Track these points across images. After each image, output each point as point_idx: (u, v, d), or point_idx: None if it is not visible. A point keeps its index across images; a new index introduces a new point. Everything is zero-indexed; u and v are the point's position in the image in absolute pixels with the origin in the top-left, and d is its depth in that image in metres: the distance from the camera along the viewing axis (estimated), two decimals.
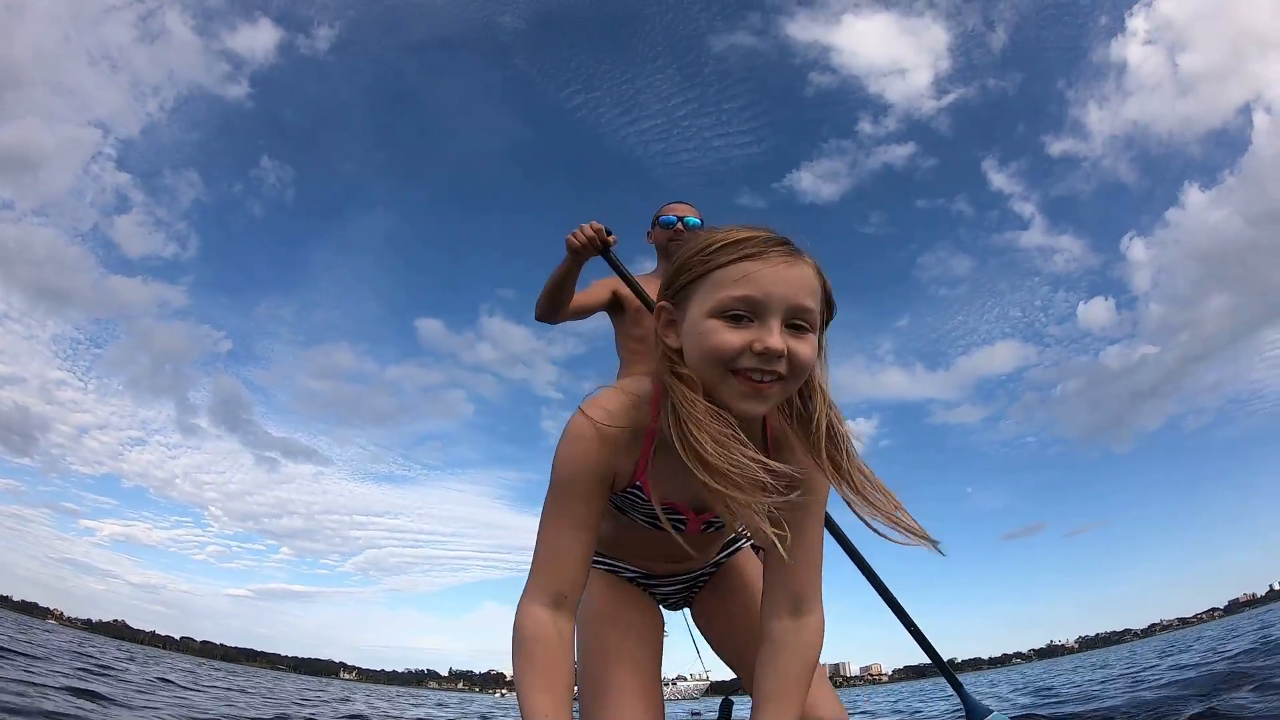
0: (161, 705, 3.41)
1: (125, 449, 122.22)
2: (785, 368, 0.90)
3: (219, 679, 7.15)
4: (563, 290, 2.29)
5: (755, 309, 0.89)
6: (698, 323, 0.93)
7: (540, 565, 1.03)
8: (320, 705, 4.36)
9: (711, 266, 0.93)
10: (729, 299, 0.90)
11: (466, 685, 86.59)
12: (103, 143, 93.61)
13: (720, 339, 0.90)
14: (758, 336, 0.89)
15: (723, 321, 0.90)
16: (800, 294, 0.90)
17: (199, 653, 71.36)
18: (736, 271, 0.90)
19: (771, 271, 0.90)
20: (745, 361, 0.89)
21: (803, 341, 0.91)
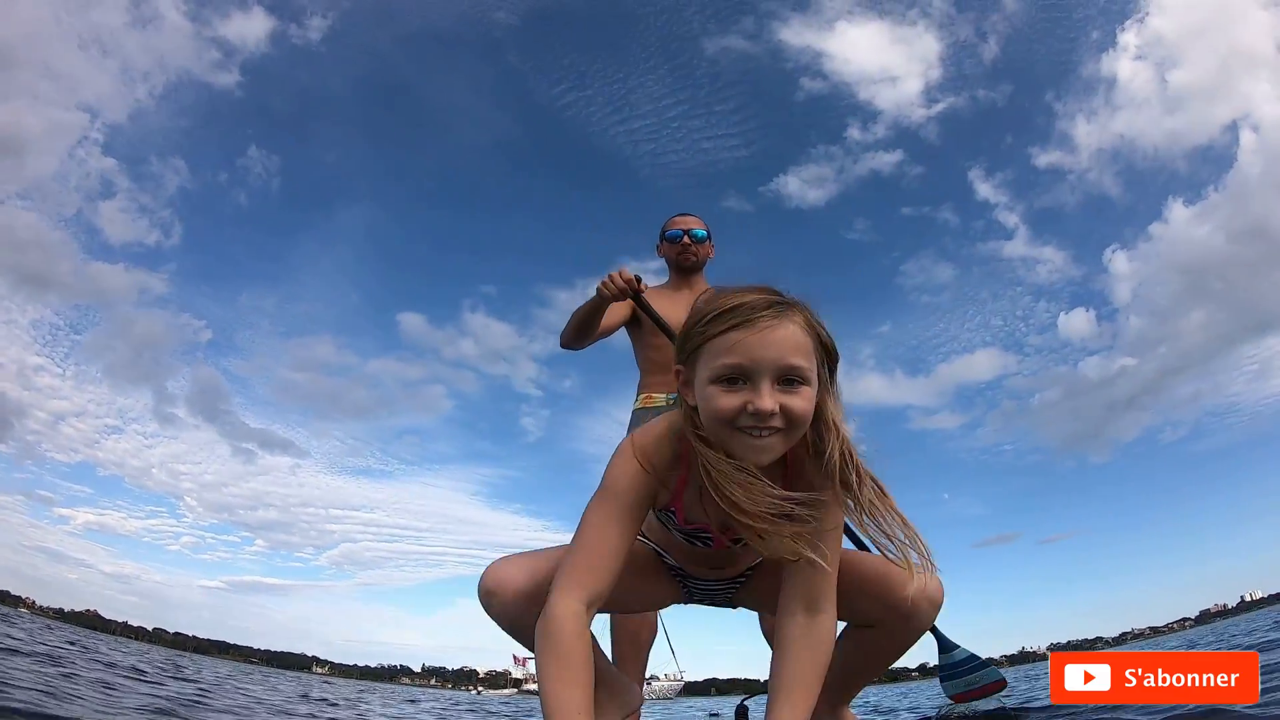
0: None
1: (102, 437, 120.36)
2: (781, 422, 1.01)
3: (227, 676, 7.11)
4: (591, 325, 2.34)
5: (746, 374, 1.00)
6: (702, 388, 1.05)
7: (580, 564, 1.09)
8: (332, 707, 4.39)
9: (708, 336, 1.04)
10: (723, 367, 1.01)
11: (439, 682, 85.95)
12: (90, 127, 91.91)
13: (719, 404, 1.01)
14: (750, 399, 1.00)
15: (720, 387, 1.02)
16: (787, 355, 1.00)
17: (171, 644, 70.55)
18: (727, 341, 1.01)
19: (758, 338, 1.00)
20: (743, 421, 1.01)
21: (796, 395, 1.01)
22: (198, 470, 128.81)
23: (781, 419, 1.00)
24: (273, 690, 5.85)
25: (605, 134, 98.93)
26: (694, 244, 2.60)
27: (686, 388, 1.10)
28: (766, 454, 1.03)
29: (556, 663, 1.01)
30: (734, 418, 1.01)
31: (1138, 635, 72.90)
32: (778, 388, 1.00)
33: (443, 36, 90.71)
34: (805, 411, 1.02)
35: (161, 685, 3.77)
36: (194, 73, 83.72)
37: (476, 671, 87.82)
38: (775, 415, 1.00)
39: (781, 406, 1.00)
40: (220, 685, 5.06)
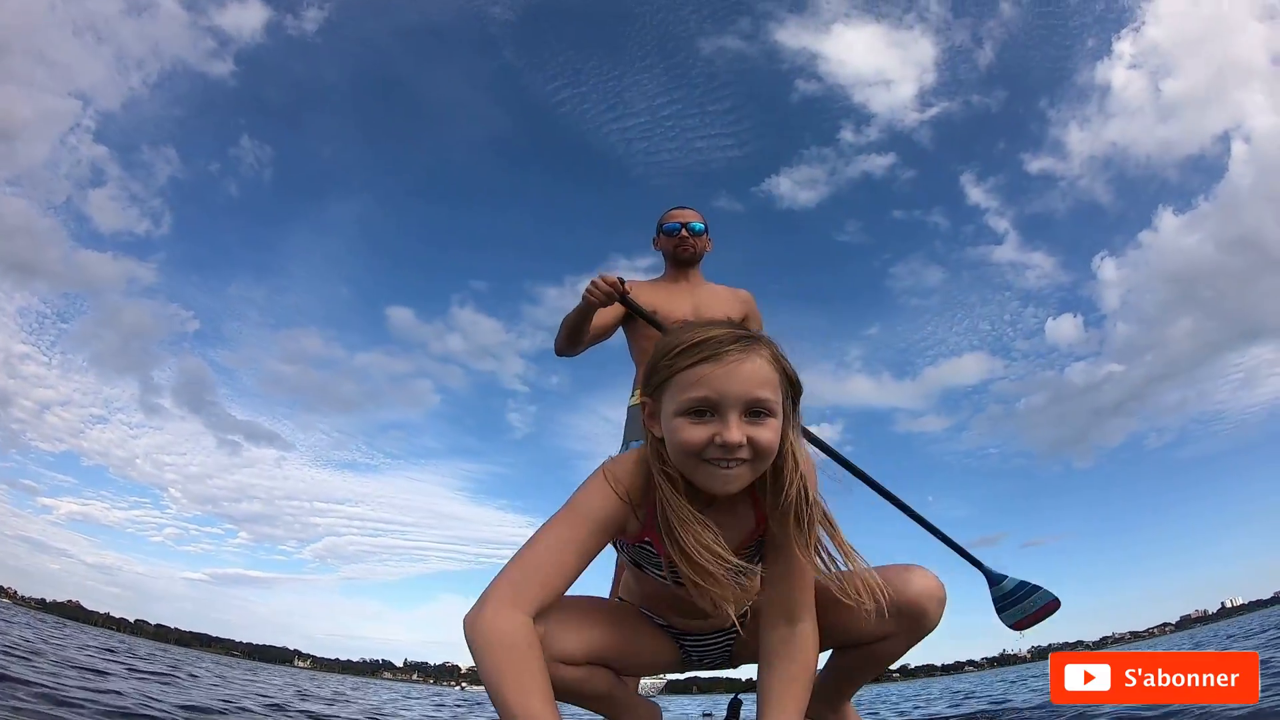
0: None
1: (87, 426, 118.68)
2: (748, 453, 1.02)
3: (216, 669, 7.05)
4: (581, 331, 2.33)
5: (714, 406, 1.01)
6: (669, 420, 1.05)
7: (531, 575, 1.06)
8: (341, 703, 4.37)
9: (675, 369, 1.04)
10: (690, 400, 1.02)
11: (421, 677, 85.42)
12: (82, 114, 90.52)
13: (686, 435, 1.02)
14: (718, 431, 1.00)
15: (687, 419, 1.02)
16: (753, 388, 1.01)
17: (154, 636, 69.79)
18: (694, 375, 1.02)
19: (725, 371, 1.01)
20: (711, 453, 1.02)
21: (763, 427, 1.02)
22: (182, 461, 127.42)
23: (749, 450, 1.02)
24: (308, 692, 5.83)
25: (599, 131, 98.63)
26: (692, 237, 2.59)
27: (653, 420, 1.10)
28: (734, 484, 1.04)
29: (518, 671, 0.98)
30: (701, 450, 1.02)
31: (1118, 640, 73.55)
32: (745, 420, 1.02)
33: (439, 30, 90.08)
34: (771, 443, 1.03)
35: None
36: (188, 61, 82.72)
37: (459, 667, 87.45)
38: (743, 447, 1.01)
39: (749, 438, 1.01)
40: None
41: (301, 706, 3.57)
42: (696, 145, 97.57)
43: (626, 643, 1.30)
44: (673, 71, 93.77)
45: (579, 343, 2.39)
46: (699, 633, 1.36)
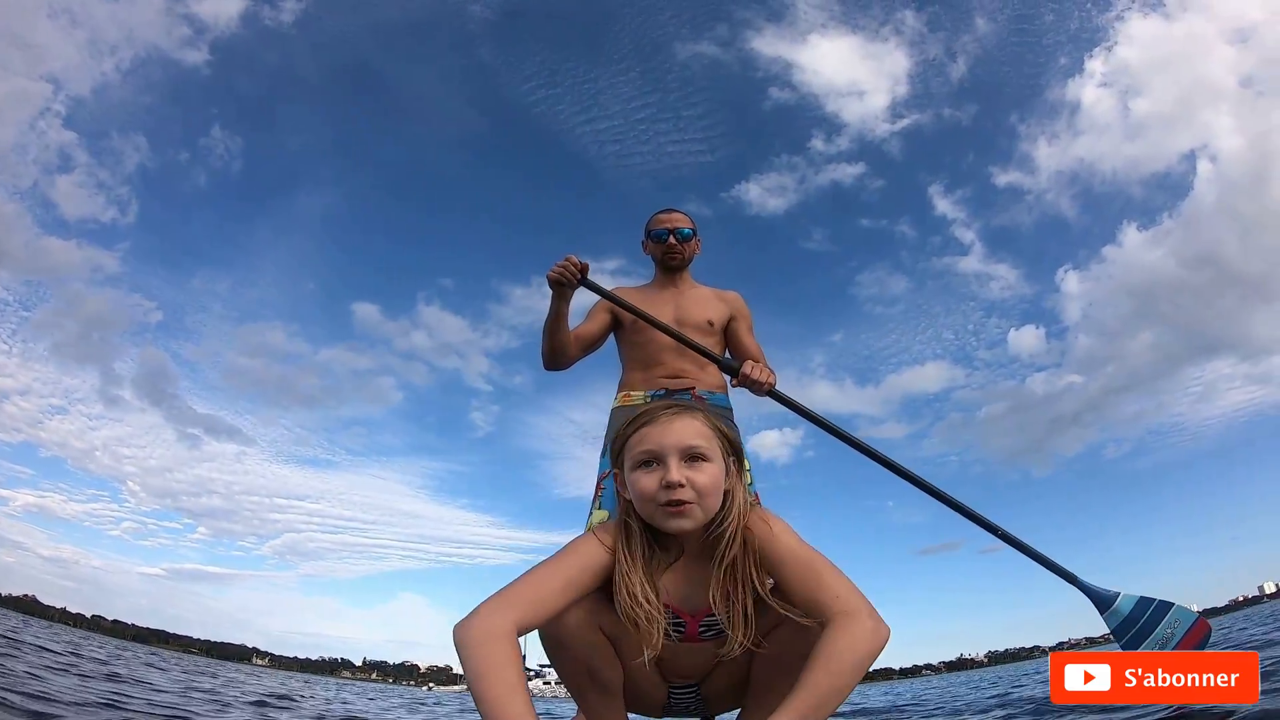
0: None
1: (45, 417, 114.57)
2: (690, 495, 1.22)
3: None
4: (559, 330, 2.31)
5: (658, 457, 1.24)
6: (629, 475, 1.28)
7: (520, 596, 1.18)
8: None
9: (626, 437, 1.30)
10: (639, 454, 1.26)
11: (380, 676, 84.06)
12: (53, 99, 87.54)
13: (641, 485, 1.25)
14: (662, 475, 1.22)
15: (641, 471, 1.26)
16: (686, 438, 1.24)
17: (110, 632, 67.67)
18: (639, 436, 1.27)
19: (661, 429, 1.25)
20: (662, 496, 1.22)
21: (699, 471, 1.23)
22: (142, 454, 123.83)
23: (690, 491, 1.21)
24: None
25: (572, 132, 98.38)
26: (680, 242, 2.56)
27: (622, 486, 1.31)
28: (686, 522, 1.23)
29: (503, 669, 1.07)
30: (654, 494, 1.22)
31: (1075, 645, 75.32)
32: (684, 465, 1.23)
33: (417, 26, 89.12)
34: (708, 484, 1.23)
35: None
36: (162, 48, 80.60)
37: (418, 666, 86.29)
38: (684, 487, 1.21)
39: (688, 478, 1.21)
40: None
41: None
42: (668, 149, 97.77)
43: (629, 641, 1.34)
44: (649, 75, 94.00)
45: (562, 346, 2.37)
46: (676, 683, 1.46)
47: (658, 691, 1.46)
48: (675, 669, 1.41)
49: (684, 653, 1.36)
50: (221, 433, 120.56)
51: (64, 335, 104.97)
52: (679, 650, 1.35)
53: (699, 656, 1.38)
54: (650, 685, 1.44)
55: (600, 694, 1.40)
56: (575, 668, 1.38)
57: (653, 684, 1.44)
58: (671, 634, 1.31)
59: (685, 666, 1.40)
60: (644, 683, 1.42)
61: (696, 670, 1.42)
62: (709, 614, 1.30)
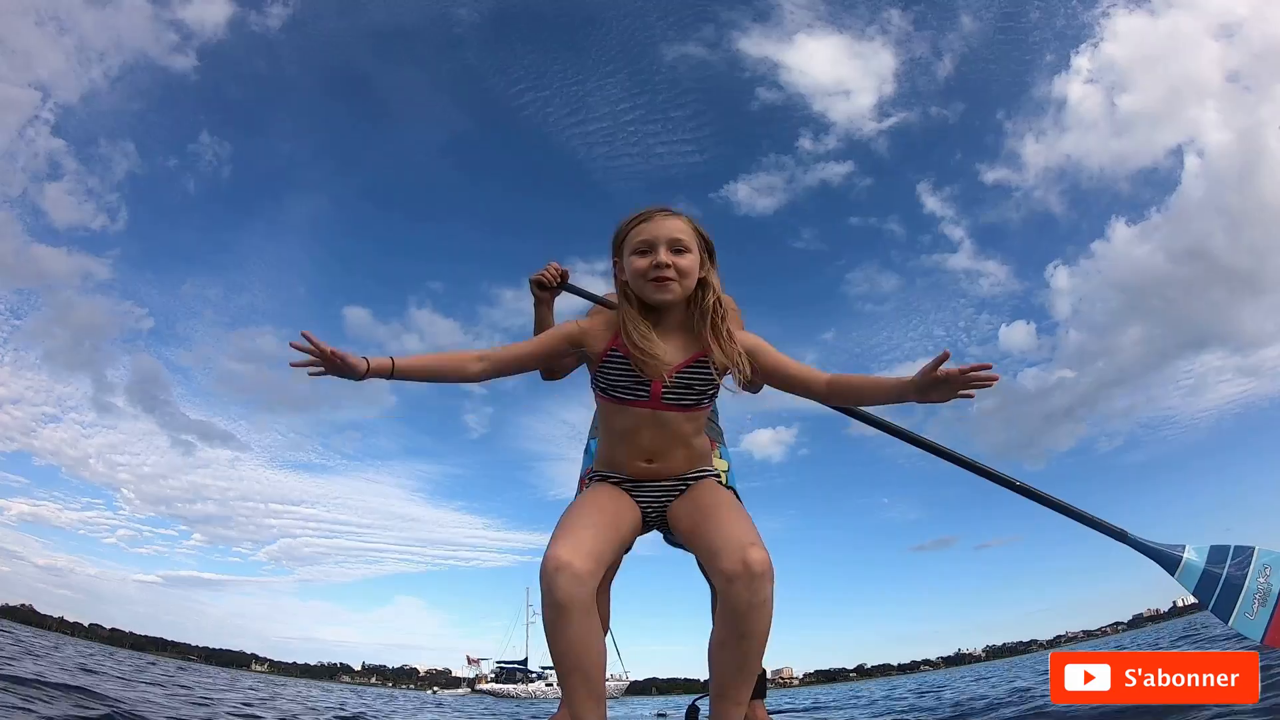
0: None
1: (39, 425, 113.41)
2: (673, 273, 1.56)
3: None
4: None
5: (651, 245, 1.58)
6: (627, 259, 1.61)
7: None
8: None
9: (627, 231, 1.63)
10: (637, 243, 1.60)
11: (379, 680, 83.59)
12: (41, 106, 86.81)
13: (636, 264, 1.59)
14: (653, 257, 1.57)
15: (636, 255, 1.59)
16: (673, 232, 1.58)
17: (108, 640, 67.20)
18: (638, 230, 1.61)
19: (655, 224, 1.60)
20: (652, 273, 1.57)
21: (681, 257, 1.58)
22: (136, 461, 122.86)
23: (673, 270, 1.56)
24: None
25: (560, 135, 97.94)
26: None
27: (621, 271, 1.65)
28: (669, 295, 1.57)
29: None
30: (646, 271, 1.57)
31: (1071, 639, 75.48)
32: (670, 252, 1.57)
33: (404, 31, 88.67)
34: (689, 266, 1.58)
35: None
36: (150, 55, 79.93)
37: (417, 670, 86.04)
38: (670, 267, 1.55)
39: (672, 262, 1.56)
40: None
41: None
42: (657, 150, 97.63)
43: (610, 515, 1.60)
44: (636, 77, 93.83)
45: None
46: (651, 480, 1.68)
47: (635, 510, 1.67)
48: (640, 445, 1.64)
49: (649, 422, 1.61)
50: (215, 439, 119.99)
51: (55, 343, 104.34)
52: (644, 420, 1.61)
53: (666, 429, 1.62)
54: (630, 509, 1.66)
55: (583, 681, 1.44)
56: (572, 642, 1.42)
57: (631, 506, 1.67)
58: (640, 393, 1.59)
59: (648, 439, 1.63)
60: (627, 510, 1.65)
61: (660, 443, 1.64)
62: (681, 367, 1.59)
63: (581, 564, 1.39)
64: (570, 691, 1.43)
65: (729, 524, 1.50)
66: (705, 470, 1.71)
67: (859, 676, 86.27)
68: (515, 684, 50.56)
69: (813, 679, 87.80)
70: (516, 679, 51.86)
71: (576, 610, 1.38)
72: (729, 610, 1.39)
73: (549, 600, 1.38)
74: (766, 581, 1.37)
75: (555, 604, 1.37)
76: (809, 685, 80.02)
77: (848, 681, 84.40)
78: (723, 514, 1.55)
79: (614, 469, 1.71)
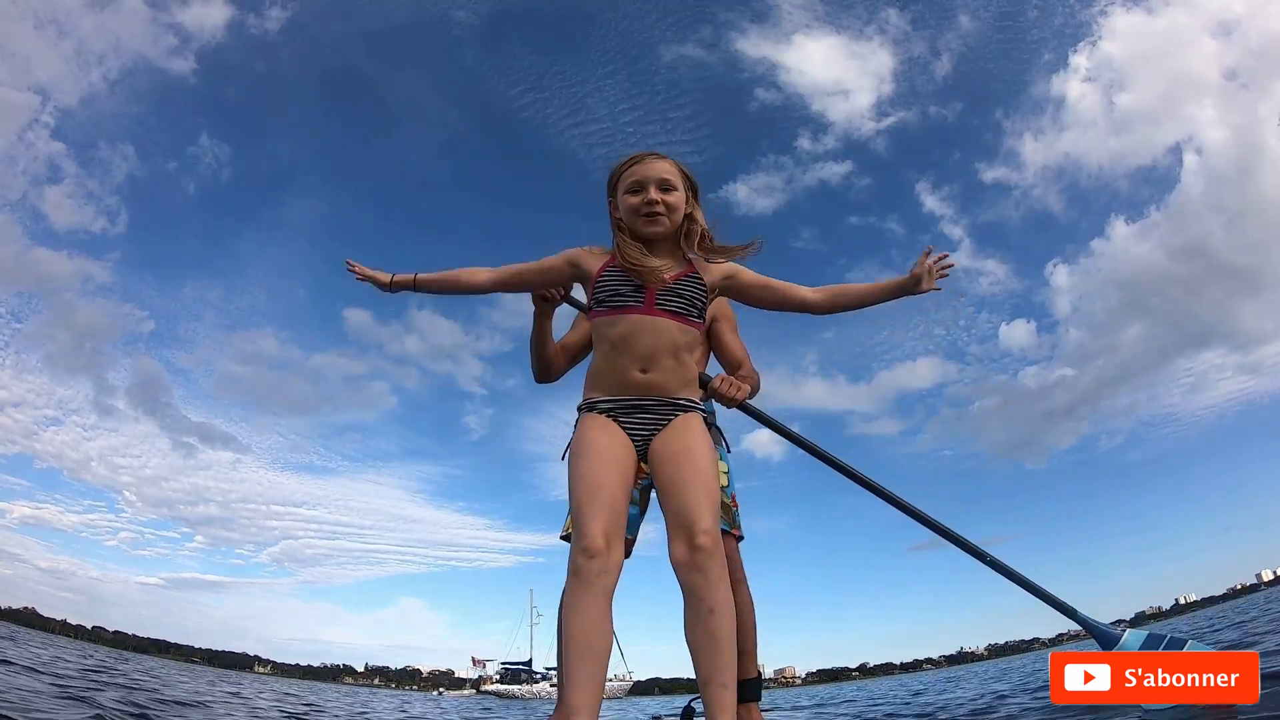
0: None
1: (40, 428, 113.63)
2: (662, 208, 1.72)
3: None
4: (545, 345, 2.34)
5: (642, 184, 1.74)
6: (621, 197, 1.76)
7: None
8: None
9: (621, 172, 1.79)
10: (630, 182, 1.75)
11: (382, 681, 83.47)
12: (40, 110, 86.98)
13: (629, 201, 1.74)
14: (644, 195, 1.72)
15: (629, 194, 1.74)
16: (661, 173, 1.74)
17: (111, 643, 67.35)
18: (631, 171, 1.76)
19: (645, 165, 1.76)
20: (643, 209, 1.72)
21: (669, 195, 1.73)
22: (137, 464, 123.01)
23: (662, 206, 1.72)
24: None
25: (560, 136, 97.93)
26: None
27: (615, 209, 1.79)
28: (658, 225, 1.72)
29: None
30: (637, 208, 1.72)
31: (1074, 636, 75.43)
32: (659, 191, 1.72)
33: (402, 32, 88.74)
34: (676, 202, 1.74)
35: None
36: (149, 58, 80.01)
37: (420, 671, 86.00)
38: (659, 203, 1.71)
39: (661, 199, 1.72)
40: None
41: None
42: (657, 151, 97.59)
43: (621, 472, 1.63)
44: (635, 78, 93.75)
45: (549, 360, 2.38)
46: (643, 396, 1.70)
47: (631, 450, 1.68)
48: (637, 351, 1.69)
49: (646, 328, 1.69)
50: (216, 441, 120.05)
51: (56, 346, 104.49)
52: (641, 325, 1.69)
53: (660, 336, 1.69)
54: (628, 449, 1.68)
55: (595, 671, 1.46)
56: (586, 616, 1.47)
57: (627, 445, 1.68)
58: (638, 298, 1.69)
59: (644, 345, 1.68)
60: (625, 451, 1.67)
61: (655, 350, 1.69)
62: (673, 279, 1.71)
63: (615, 552, 1.51)
64: (580, 682, 1.42)
65: (682, 494, 1.57)
66: (693, 401, 1.74)
67: (862, 675, 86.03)
68: (520, 685, 50.65)
69: (815, 679, 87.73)
70: (521, 680, 52.01)
71: (600, 594, 1.47)
72: (686, 591, 1.51)
73: (579, 579, 1.47)
74: (715, 559, 1.50)
75: (585, 584, 1.46)
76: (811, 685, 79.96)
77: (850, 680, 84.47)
78: (683, 479, 1.60)
79: (607, 390, 1.73)
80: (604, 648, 1.47)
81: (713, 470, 1.64)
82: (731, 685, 1.47)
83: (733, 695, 1.47)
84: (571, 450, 1.71)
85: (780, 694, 29.05)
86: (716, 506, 1.61)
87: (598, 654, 1.45)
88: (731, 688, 1.47)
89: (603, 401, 1.72)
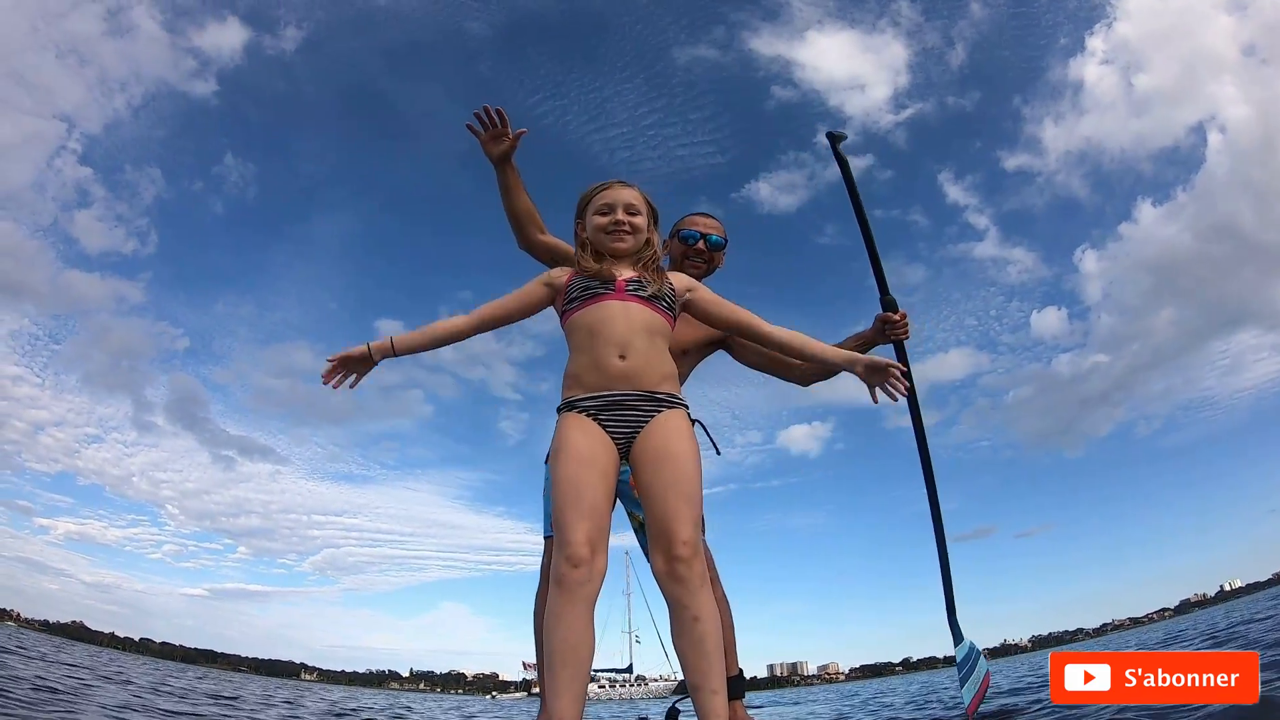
0: None
1: (81, 446, 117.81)
2: (629, 228, 1.83)
3: None
4: (513, 198, 2.29)
5: (611, 207, 1.85)
6: (590, 218, 1.87)
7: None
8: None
9: (591, 196, 1.90)
10: (599, 205, 1.87)
11: (428, 685, 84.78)
12: (67, 137, 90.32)
13: (597, 220, 1.85)
14: (613, 216, 1.83)
15: (598, 215, 1.86)
16: (629, 198, 1.86)
17: (159, 654, 69.35)
18: (600, 195, 1.88)
19: (613, 191, 1.88)
20: (610, 228, 1.83)
21: (634, 218, 1.84)
22: (178, 478, 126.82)
23: (629, 225, 1.83)
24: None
25: (581, 142, 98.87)
26: (709, 248, 2.44)
27: (582, 229, 1.90)
28: (623, 243, 1.83)
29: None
30: (605, 226, 1.83)
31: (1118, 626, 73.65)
32: (626, 213, 1.83)
33: (418, 48, 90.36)
34: (640, 225, 1.85)
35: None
36: (170, 82, 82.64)
37: (464, 675, 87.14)
38: (625, 223, 1.83)
39: (628, 220, 1.83)
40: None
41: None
42: (678, 153, 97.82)
43: (597, 476, 1.60)
44: (653, 81, 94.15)
45: (521, 220, 2.31)
46: (622, 389, 1.68)
47: (612, 448, 1.66)
48: (613, 337, 1.71)
49: (619, 312, 1.74)
50: (255, 453, 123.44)
51: (94, 366, 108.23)
52: (614, 310, 1.74)
53: (633, 318, 1.74)
54: (609, 448, 1.65)
55: (574, 678, 1.46)
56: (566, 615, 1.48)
57: (607, 444, 1.66)
58: (608, 286, 1.77)
59: (618, 329, 1.72)
60: (606, 450, 1.65)
61: (629, 334, 1.72)
62: (633, 277, 1.80)
63: (599, 560, 1.51)
64: (563, 690, 1.44)
65: (662, 503, 1.58)
66: (674, 396, 1.74)
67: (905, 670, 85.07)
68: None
69: (858, 674, 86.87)
70: None
71: (583, 602, 1.47)
72: (670, 600, 1.54)
73: (563, 587, 1.47)
74: (694, 568, 1.52)
75: (568, 593, 1.46)
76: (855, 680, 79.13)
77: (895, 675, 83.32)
78: (662, 484, 1.60)
79: (586, 388, 1.71)
80: (586, 656, 1.49)
81: (694, 472, 1.63)
82: (721, 691, 1.48)
83: (723, 700, 1.48)
84: (551, 452, 1.69)
85: (820, 690, 28.92)
86: (697, 512, 1.59)
87: (581, 662, 1.47)
88: (721, 693, 1.48)
89: (582, 400, 1.70)
